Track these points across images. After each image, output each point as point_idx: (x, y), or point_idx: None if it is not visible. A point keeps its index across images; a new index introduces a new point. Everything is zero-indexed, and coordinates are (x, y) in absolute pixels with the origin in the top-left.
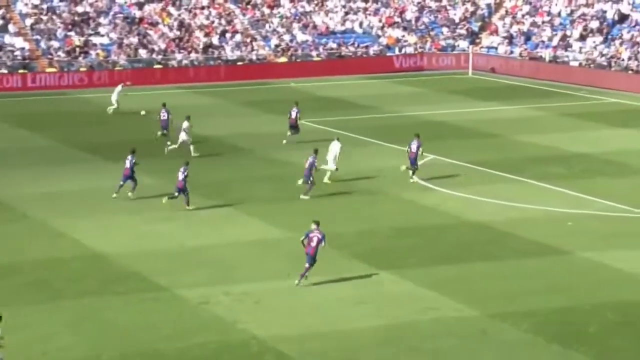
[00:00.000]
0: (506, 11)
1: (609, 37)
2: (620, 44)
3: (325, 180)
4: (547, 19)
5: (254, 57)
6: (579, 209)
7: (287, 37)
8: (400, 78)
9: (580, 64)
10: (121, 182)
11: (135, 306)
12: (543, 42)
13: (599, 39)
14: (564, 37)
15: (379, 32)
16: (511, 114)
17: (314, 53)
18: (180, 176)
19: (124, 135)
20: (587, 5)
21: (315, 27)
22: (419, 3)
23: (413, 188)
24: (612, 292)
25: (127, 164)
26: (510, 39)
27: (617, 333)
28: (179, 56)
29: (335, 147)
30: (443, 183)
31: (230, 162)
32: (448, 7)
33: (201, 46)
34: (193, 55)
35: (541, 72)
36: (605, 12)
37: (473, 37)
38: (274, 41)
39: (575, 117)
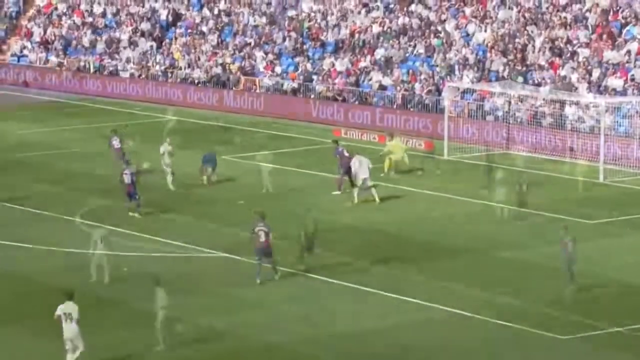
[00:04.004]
0: (38, 10)
1: (164, 42)
2: (177, 50)
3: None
4: (89, 20)
5: None
6: (135, 250)
7: None
8: None
9: (132, 75)
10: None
11: None
12: (86, 48)
13: (152, 44)
14: (111, 42)
15: None
16: (51, 137)
17: None
18: (128, 179)
19: None
20: (138, 4)
21: None
22: None
23: None
24: (190, 346)
25: (127, 179)
26: (45, 45)
27: None
28: None
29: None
30: None
31: None
32: None
33: None
34: None
35: (87, 86)
36: (157, 11)
37: None
38: None
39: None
